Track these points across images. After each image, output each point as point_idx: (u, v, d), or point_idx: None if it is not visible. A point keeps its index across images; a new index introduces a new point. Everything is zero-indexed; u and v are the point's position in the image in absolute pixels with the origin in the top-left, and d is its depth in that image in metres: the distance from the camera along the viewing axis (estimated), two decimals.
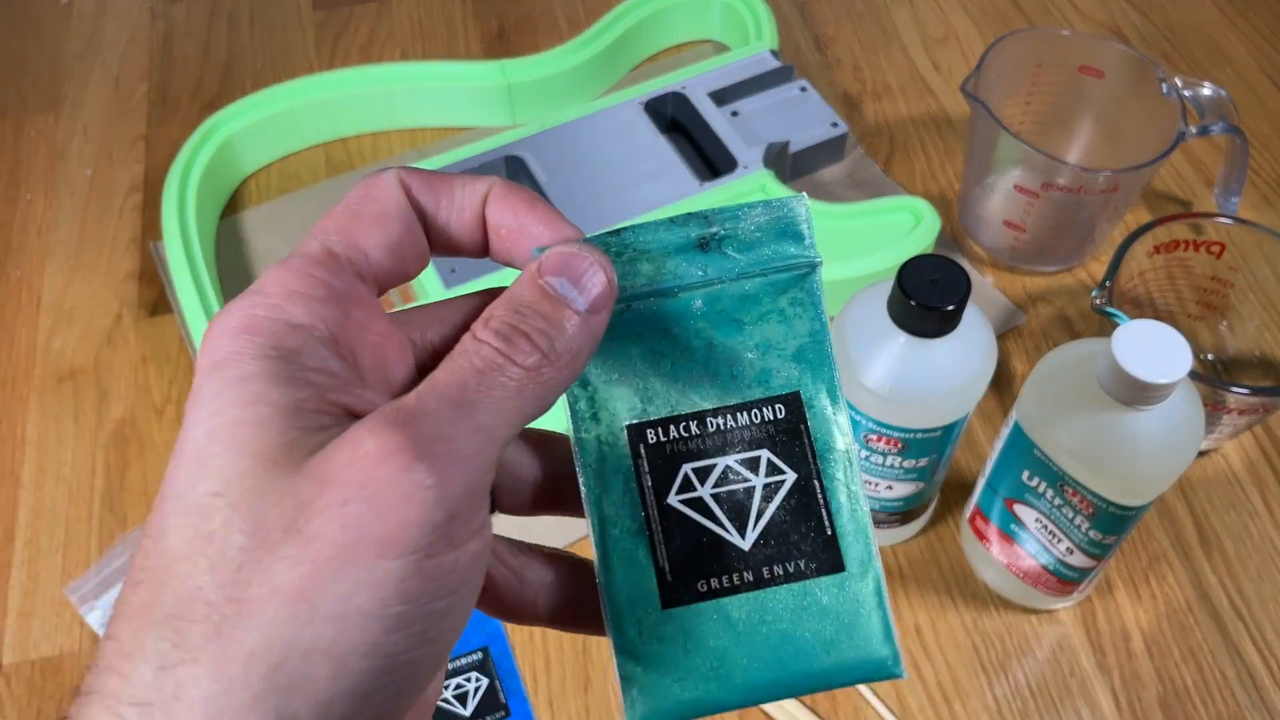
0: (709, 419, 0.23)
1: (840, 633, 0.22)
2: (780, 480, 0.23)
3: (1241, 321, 0.61)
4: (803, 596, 0.22)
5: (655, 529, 0.23)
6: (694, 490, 0.23)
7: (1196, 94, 0.63)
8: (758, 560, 0.22)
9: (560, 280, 0.21)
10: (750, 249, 0.23)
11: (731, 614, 0.22)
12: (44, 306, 0.69)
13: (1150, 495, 0.46)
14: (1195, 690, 0.53)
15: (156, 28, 0.86)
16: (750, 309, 0.23)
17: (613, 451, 0.23)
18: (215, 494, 0.18)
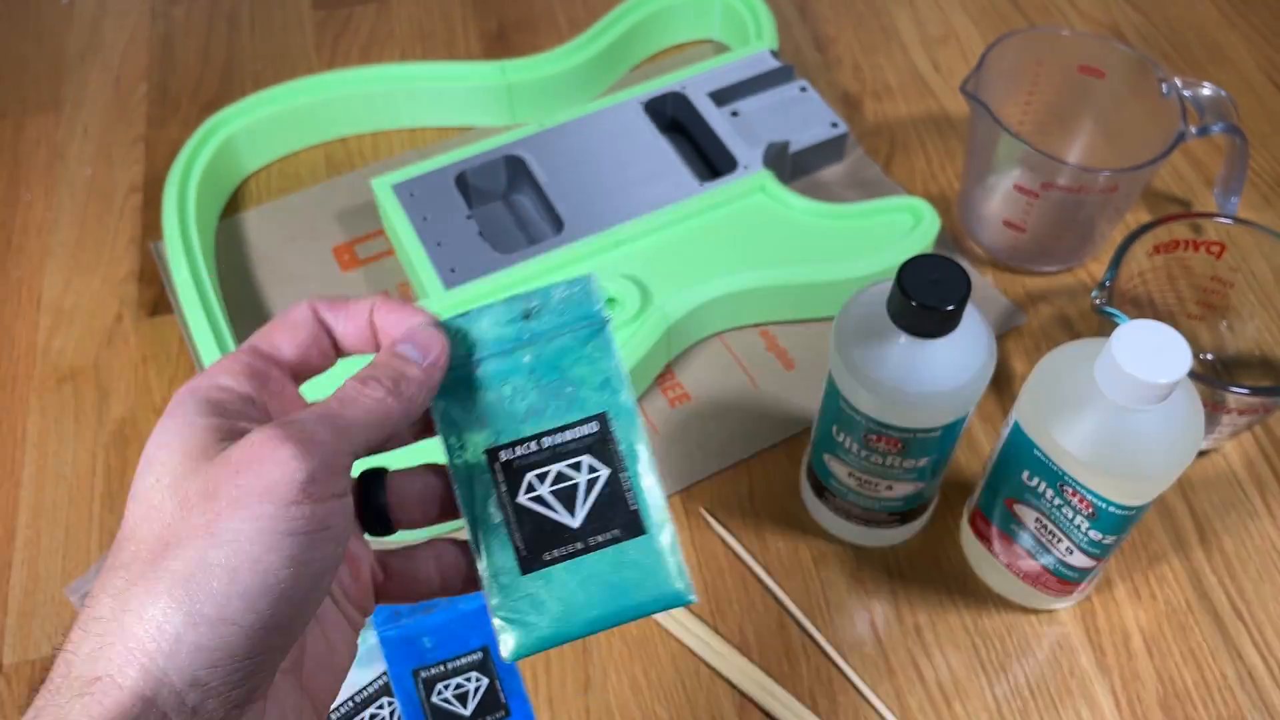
0: (544, 439, 0.32)
1: (646, 576, 0.31)
2: (597, 476, 0.32)
3: (1241, 321, 0.61)
4: (619, 555, 0.32)
5: (511, 520, 0.32)
6: (536, 490, 0.32)
7: (1196, 94, 0.63)
8: (585, 533, 0.32)
9: (407, 346, 0.31)
10: (559, 315, 0.33)
11: (570, 572, 0.31)
12: (44, 306, 0.69)
13: (1150, 495, 0.46)
14: (1195, 690, 0.53)
15: (156, 28, 0.86)
16: (564, 357, 0.33)
17: (477, 470, 0.32)
18: (156, 481, 0.27)
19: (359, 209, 0.73)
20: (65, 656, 0.26)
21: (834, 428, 0.51)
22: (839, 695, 0.53)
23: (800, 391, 0.63)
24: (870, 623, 0.55)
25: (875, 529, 0.56)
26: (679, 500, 0.60)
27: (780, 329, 0.66)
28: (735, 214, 0.67)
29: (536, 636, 0.31)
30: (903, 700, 0.53)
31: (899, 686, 0.53)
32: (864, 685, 0.53)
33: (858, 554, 0.58)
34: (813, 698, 0.53)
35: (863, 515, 0.55)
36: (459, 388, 0.32)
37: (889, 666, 0.54)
